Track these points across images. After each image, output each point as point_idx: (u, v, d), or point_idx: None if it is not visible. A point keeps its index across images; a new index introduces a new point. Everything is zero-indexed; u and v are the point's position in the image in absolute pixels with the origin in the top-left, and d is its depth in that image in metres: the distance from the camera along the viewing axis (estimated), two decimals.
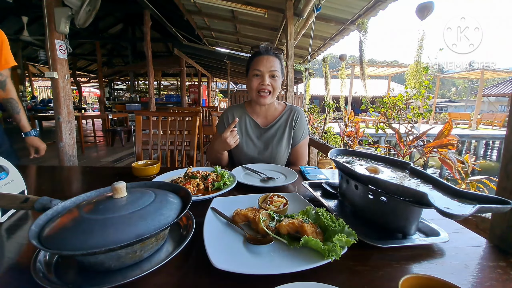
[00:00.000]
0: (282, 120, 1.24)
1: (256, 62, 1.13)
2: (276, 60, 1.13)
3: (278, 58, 1.15)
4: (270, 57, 1.12)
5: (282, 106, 1.29)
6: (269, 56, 1.12)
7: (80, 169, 1.38)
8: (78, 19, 2.33)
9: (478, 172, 4.47)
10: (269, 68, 1.11)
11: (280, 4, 3.74)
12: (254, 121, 1.25)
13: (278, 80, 1.14)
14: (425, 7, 3.87)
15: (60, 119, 2.35)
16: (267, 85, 1.12)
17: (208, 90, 13.83)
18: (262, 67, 1.11)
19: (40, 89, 18.07)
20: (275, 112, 1.27)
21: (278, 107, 1.28)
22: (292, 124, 1.24)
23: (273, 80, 1.13)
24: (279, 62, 1.15)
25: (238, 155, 1.25)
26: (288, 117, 1.24)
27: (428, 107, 3.56)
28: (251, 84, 1.15)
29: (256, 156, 1.23)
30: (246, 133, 1.25)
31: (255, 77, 1.13)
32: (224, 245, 0.52)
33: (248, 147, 1.23)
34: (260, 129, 1.25)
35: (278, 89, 1.15)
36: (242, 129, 1.26)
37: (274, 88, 1.14)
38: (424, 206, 0.50)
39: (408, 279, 0.36)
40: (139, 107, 7.86)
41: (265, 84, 1.11)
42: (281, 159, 1.23)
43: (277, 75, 1.13)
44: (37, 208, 0.52)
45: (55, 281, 0.41)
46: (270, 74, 1.12)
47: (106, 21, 8.29)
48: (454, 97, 37.97)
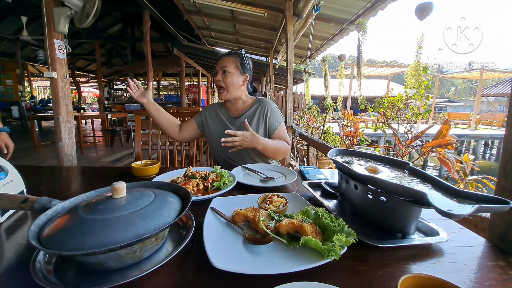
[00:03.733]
0: (251, 111, 1.34)
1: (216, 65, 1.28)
2: (229, 58, 1.25)
3: (233, 56, 1.26)
4: (224, 57, 1.26)
5: (252, 99, 1.40)
6: (223, 57, 1.26)
7: (79, 169, 1.38)
8: (78, 20, 2.32)
9: (477, 171, 4.49)
10: (220, 65, 1.24)
11: (280, 4, 3.74)
12: (227, 112, 1.37)
13: (230, 76, 1.23)
14: (424, 7, 3.87)
15: (59, 119, 2.35)
16: (218, 80, 1.25)
17: (208, 90, 13.83)
18: (217, 66, 1.26)
19: (39, 89, 18.01)
20: (244, 104, 1.37)
21: (248, 100, 1.38)
22: (262, 115, 1.32)
23: (224, 76, 1.24)
24: (234, 60, 1.25)
25: (215, 141, 1.33)
26: (257, 108, 1.34)
27: (427, 107, 3.55)
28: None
29: None
30: (219, 122, 1.36)
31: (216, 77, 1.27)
32: (223, 245, 0.52)
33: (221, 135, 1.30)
34: (232, 118, 1.35)
35: (231, 84, 1.25)
36: (216, 119, 1.37)
37: (226, 83, 1.24)
38: (423, 206, 0.50)
39: (407, 278, 0.36)
40: (139, 107, 7.83)
41: (216, 79, 1.25)
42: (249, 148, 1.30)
43: (229, 71, 1.23)
44: (37, 208, 0.52)
45: (55, 281, 0.41)
46: (222, 71, 1.24)
47: (105, 21, 8.27)
48: (454, 97, 38.03)
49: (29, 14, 5.57)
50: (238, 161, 1.30)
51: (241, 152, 1.27)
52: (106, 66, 10.68)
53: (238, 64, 1.25)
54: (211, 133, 1.35)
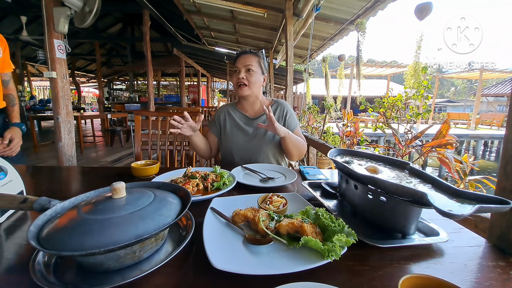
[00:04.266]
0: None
1: (235, 62, 1.28)
2: (252, 57, 1.25)
3: (256, 55, 1.27)
4: (247, 55, 1.25)
5: (269, 101, 1.40)
6: (246, 55, 1.26)
7: (79, 169, 1.38)
8: (78, 20, 2.32)
9: (477, 172, 4.49)
10: (243, 63, 1.23)
11: (280, 4, 3.74)
12: (243, 114, 1.36)
13: (254, 74, 1.24)
14: (424, 7, 3.88)
15: (59, 119, 2.35)
16: (242, 78, 1.23)
17: (208, 90, 13.82)
18: (238, 64, 1.25)
19: (38, 89, 18.00)
20: (262, 104, 1.36)
21: (265, 101, 1.38)
22: (282, 116, 1.33)
23: (248, 74, 1.24)
24: (257, 59, 1.26)
25: (229, 144, 1.32)
26: (276, 109, 1.34)
27: (427, 107, 3.56)
28: (232, 81, 1.30)
29: (245, 144, 1.30)
30: (235, 125, 1.34)
31: (234, 74, 1.27)
32: (223, 245, 0.52)
33: (238, 136, 1.32)
34: (249, 119, 1.34)
35: (255, 82, 1.25)
36: (232, 121, 1.35)
37: (250, 81, 1.24)
38: (423, 206, 0.50)
39: (407, 279, 0.36)
40: (138, 107, 7.85)
41: (240, 77, 1.23)
42: (269, 147, 1.28)
43: (253, 69, 1.23)
44: (36, 209, 0.52)
45: (54, 282, 0.41)
46: (246, 69, 1.23)
47: (105, 21, 8.27)
48: (453, 97, 38.05)
49: (29, 14, 5.57)
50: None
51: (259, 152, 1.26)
52: (106, 66, 10.68)
53: (260, 64, 1.27)
54: (227, 135, 1.33)
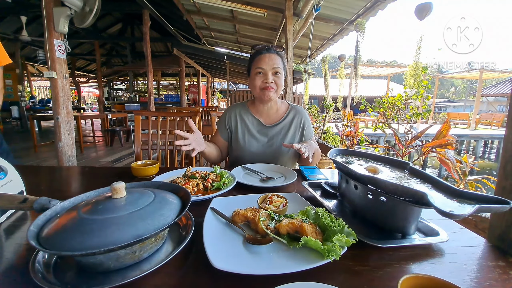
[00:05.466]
0: (287, 121, 1.26)
1: (258, 60, 1.14)
2: (278, 58, 1.14)
3: (280, 56, 1.16)
4: (272, 55, 1.13)
5: (286, 106, 1.31)
6: (271, 54, 1.13)
7: (79, 169, 1.38)
8: (78, 19, 2.32)
9: (477, 172, 4.49)
10: (271, 65, 1.12)
11: (280, 4, 3.74)
12: (257, 120, 1.26)
13: (281, 77, 1.15)
14: (424, 7, 3.88)
15: (59, 119, 2.35)
16: (271, 82, 1.13)
17: (208, 90, 13.82)
18: (264, 65, 1.12)
19: (38, 89, 18.00)
20: (278, 111, 1.28)
21: (281, 106, 1.30)
22: (299, 126, 1.26)
23: (277, 77, 1.14)
24: (281, 60, 1.16)
25: (241, 152, 1.24)
26: (293, 118, 1.26)
27: (427, 107, 3.56)
28: (254, 83, 1.16)
29: (258, 154, 1.22)
30: (248, 132, 1.25)
31: (258, 75, 1.14)
32: (223, 245, 0.52)
33: (250, 145, 1.23)
34: (264, 127, 1.25)
35: (281, 86, 1.17)
36: (244, 127, 1.26)
37: (278, 85, 1.15)
38: (423, 206, 0.50)
39: (407, 279, 0.36)
40: (138, 107, 7.85)
41: (269, 81, 1.12)
42: (284, 157, 1.23)
43: (280, 72, 1.14)
44: (36, 209, 0.52)
45: (54, 282, 0.41)
46: (273, 72, 1.13)
47: (105, 21, 8.28)
48: (453, 97, 38.06)
49: (29, 14, 5.57)
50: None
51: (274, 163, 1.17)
52: (106, 66, 10.68)
53: (285, 64, 1.18)
54: (239, 142, 1.23)
